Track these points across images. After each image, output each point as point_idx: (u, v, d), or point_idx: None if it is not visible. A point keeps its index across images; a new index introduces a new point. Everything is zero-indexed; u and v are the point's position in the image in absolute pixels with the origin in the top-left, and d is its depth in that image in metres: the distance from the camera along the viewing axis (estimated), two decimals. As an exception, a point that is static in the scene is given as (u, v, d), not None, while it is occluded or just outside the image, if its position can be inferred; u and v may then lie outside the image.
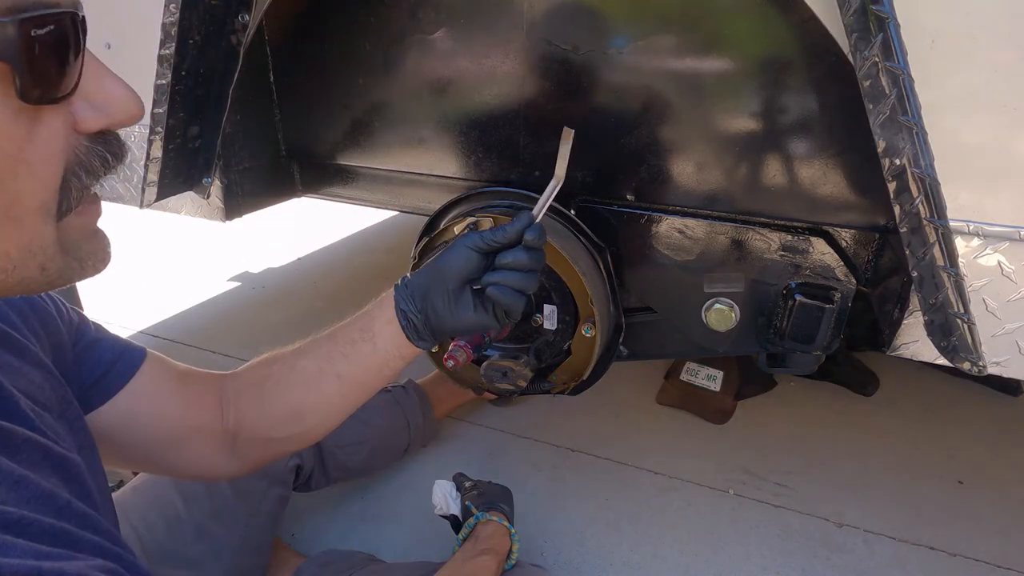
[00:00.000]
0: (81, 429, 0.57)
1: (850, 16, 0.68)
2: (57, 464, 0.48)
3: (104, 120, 0.40)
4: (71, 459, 0.50)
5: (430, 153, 1.17)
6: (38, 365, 0.56)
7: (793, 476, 1.38)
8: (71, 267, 0.41)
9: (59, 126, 0.38)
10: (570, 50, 0.97)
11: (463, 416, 1.55)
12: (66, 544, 0.39)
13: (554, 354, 1.12)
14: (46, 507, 0.42)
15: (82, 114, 0.39)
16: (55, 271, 0.40)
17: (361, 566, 1.00)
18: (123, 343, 0.72)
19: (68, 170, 0.39)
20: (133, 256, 2.58)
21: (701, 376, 1.61)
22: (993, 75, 0.68)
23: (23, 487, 0.41)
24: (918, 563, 1.18)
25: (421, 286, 0.74)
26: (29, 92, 0.35)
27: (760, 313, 1.02)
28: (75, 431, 0.56)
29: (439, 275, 0.73)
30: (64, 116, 0.38)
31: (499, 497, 1.09)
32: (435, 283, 0.73)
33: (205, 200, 1.18)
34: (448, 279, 0.72)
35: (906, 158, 0.71)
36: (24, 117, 0.35)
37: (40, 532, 0.38)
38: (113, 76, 0.41)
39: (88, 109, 0.39)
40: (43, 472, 0.46)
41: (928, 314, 0.78)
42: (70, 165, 0.39)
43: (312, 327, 0.82)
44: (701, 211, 1.01)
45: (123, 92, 0.40)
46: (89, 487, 0.50)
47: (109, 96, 0.40)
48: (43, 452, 0.47)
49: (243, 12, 0.99)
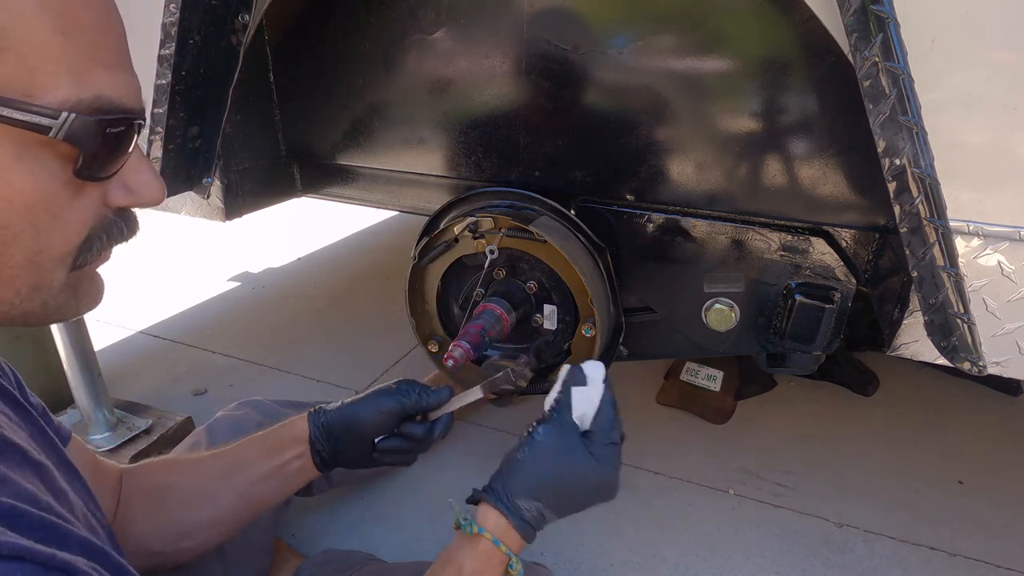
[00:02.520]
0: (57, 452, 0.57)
1: (850, 16, 0.68)
2: (35, 469, 0.49)
3: (132, 201, 0.47)
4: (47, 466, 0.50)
5: (430, 153, 1.17)
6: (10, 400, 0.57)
7: (793, 476, 1.38)
8: (69, 304, 0.47)
9: (95, 198, 0.44)
10: (570, 50, 0.97)
11: (463, 416, 1.54)
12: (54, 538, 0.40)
13: (554, 354, 1.12)
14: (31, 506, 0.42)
15: (115, 192, 0.46)
16: (54, 307, 0.46)
17: (361, 566, 1.00)
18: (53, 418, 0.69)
19: (93, 233, 0.45)
20: (133, 256, 2.58)
21: (701, 376, 1.61)
22: (993, 75, 0.68)
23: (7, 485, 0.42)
24: (918, 563, 1.18)
25: (336, 427, 0.82)
26: (84, 172, 0.42)
27: (760, 313, 1.02)
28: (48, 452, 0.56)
29: (354, 424, 0.82)
30: (100, 190, 0.45)
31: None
32: (349, 431, 0.82)
33: (205, 200, 1.18)
34: (363, 431, 0.82)
35: (906, 158, 0.71)
36: (71, 187, 0.42)
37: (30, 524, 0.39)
38: (148, 166, 0.47)
39: (121, 189, 0.46)
40: (25, 474, 0.46)
41: (928, 314, 0.78)
42: (95, 229, 0.45)
43: (312, 327, 0.82)
44: (701, 211, 1.01)
45: (153, 181, 0.47)
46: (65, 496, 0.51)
47: (141, 183, 0.46)
48: (22, 455, 0.48)
49: (243, 12, 0.99)
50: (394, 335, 1.87)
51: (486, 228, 1.03)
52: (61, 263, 0.44)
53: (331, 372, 1.74)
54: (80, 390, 1.33)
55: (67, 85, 0.39)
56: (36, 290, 0.43)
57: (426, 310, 1.15)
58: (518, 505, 0.68)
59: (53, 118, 0.38)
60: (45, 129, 0.38)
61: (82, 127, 0.39)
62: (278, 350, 1.84)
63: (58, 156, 0.40)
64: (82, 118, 0.39)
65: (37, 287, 0.43)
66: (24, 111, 0.37)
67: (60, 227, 0.42)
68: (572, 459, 0.70)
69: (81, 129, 0.39)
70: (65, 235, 0.43)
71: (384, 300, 2.17)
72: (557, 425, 0.72)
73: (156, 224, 2.76)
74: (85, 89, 0.40)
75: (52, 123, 0.38)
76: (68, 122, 0.39)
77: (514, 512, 0.68)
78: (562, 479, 0.70)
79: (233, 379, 1.72)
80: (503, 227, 1.02)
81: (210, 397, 1.64)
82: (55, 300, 0.45)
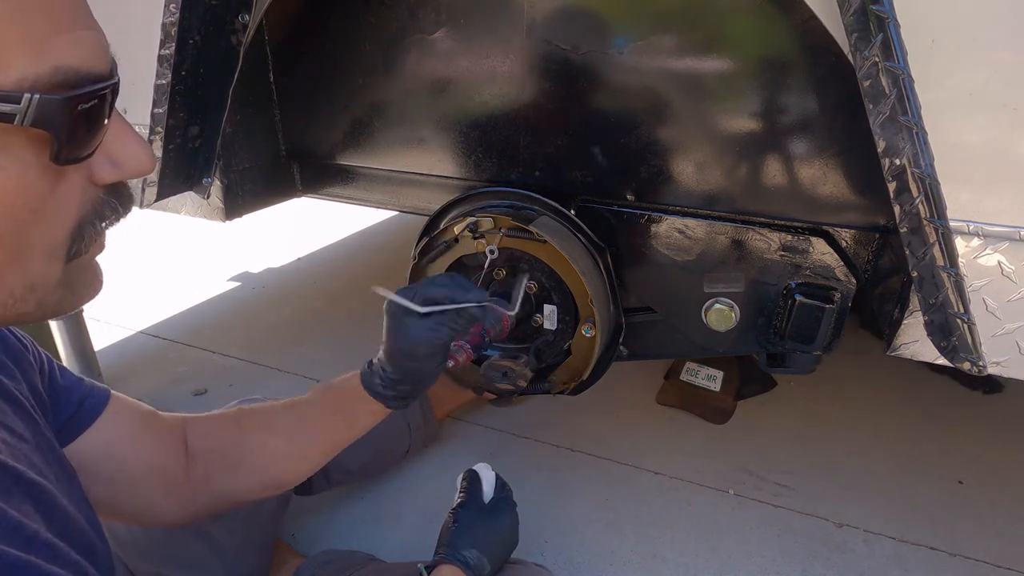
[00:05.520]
0: (56, 460, 0.57)
1: (850, 16, 0.68)
2: (27, 491, 0.47)
3: (119, 175, 0.42)
4: (43, 486, 0.49)
5: (430, 153, 1.17)
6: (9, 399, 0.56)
7: (793, 476, 1.38)
8: (66, 299, 0.43)
9: (78, 180, 0.40)
10: (570, 50, 0.97)
11: (463, 416, 1.54)
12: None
13: (554, 354, 1.12)
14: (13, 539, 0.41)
15: (100, 168, 0.41)
16: (50, 304, 0.42)
17: (361, 566, 1.00)
18: (87, 384, 0.71)
19: (83, 219, 0.41)
20: (133, 256, 2.58)
21: (701, 376, 1.61)
22: (993, 75, 0.68)
23: None
24: (918, 563, 1.18)
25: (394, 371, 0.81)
26: (61, 156, 0.37)
27: (760, 313, 1.02)
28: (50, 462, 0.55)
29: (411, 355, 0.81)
30: (83, 170, 0.40)
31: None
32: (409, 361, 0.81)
33: (205, 200, 1.18)
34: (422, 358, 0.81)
35: (906, 158, 0.71)
36: (49, 174, 0.37)
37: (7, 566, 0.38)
38: (132, 133, 0.42)
39: (106, 164, 0.41)
40: (15, 499, 0.45)
41: (928, 314, 0.78)
42: (85, 214, 0.41)
43: (312, 327, 0.82)
44: (701, 211, 1.01)
45: (139, 149, 0.42)
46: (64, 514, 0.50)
47: (127, 152, 0.41)
48: (15, 478, 0.47)
49: (243, 12, 0.99)
50: (394, 335, 1.87)
51: (486, 228, 1.03)
52: (53, 258, 0.40)
53: (331, 372, 1.71)
54: (80, 390, 1.33)
55: (22, 61, 0.33)
56: (31, 290, 0.40)
57: (426, 310, 1.15)
58: (464, 555, 0.86)
59: (14, 103, 0.33)
60: (8, 117, 0.33)
61: (49, 107, 0.34)
62: (278, 350, 1.84)
63: (28, 143, 0.35)
64: (47, 97, 0.34)
65: (31, 287, 0.40)
66: None
67: (45, 220, 0.38)
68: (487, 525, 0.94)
69: (48, 109, 0.34)
70: (52, 228, 0.39)
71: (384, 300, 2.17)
72: (472, 501, 0.96)
73: (156, 224, 2.76)
74: (43, 61, 0.34)
75: (14, 108, 0.33)
76: (32, 105, 0.33)
77: (463, 560, 0.86)
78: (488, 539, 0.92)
79: (233, 379, 1.72)
80: (503, 227, 1.02)
81: (210, 397, 1.64)
82: (51, 297, 0.41)
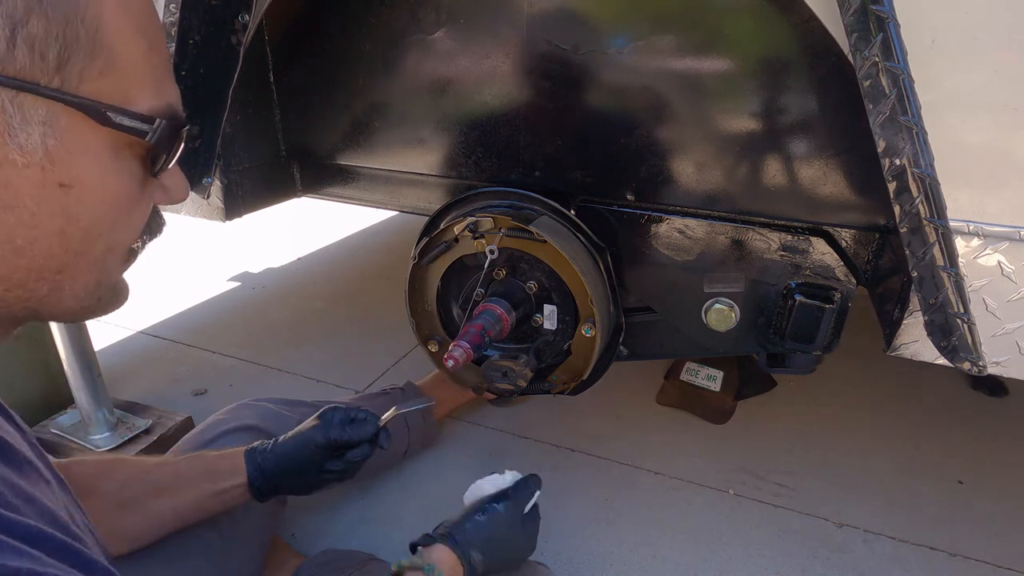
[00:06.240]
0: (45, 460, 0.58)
1: (850, 16, 0.68)
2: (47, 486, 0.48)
3: (166, 199, 0.51)
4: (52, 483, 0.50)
5: (430, 153, 1.17)
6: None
7: (793, 476, 1.38)
8: (112, 301, 0.51)
9: (148, 196, 0.49)
10: (570, 50, 0.97)
11: (463, 416, 1.54)
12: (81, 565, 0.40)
13: (554, 354, 1.12)
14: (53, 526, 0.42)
15: (155, 192, 0.50)
16: (104, 302, 0.49)
17: (361, 566, 1.00)
18: None
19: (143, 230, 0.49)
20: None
21: (701, 376, 1.61)
22: (993, 75, 0.68)
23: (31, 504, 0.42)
24: (918, 563, 1.18)
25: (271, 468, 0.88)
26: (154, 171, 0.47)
27: (760, 313, 1.02)
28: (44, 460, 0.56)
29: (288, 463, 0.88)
30: (152, 189, 0.49)
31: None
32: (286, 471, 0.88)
33: (205, 200, 1.18)
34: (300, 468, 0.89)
35: (906, 158, 0.71)
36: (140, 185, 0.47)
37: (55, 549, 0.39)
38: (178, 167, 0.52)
39: (160, 188, 0.50)
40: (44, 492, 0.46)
41: (928, 314, 0.78)
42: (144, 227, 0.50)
43: (312, 327, 0.82)
44: (701, 211, 1.01)
45: (184, 181, 0.52)
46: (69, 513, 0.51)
47: (174, 181, 0.51)
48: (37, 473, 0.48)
49: (243, 12, 0.99)
50: (394, 335, 1.87)
51: (486, 228, 1.03)
52: (122, 259, 0.48)
53: (331, 372, 1.74)
54: (80, 390, 1.33)
55: (152, 95, 0.45)
56: (98, 286, 0.47)
57: (426, 310, 1.15)
58: (471, 554, 0.85)
59: (150, 123, 0.44)
60: (143, 133, 0.44)
61: (165, 132, 0.45)
62: (278, 350, 1.85)
63: (137, 157, 0.45)
64: (167, 123, 0.45)
65: (99, 282, 0.47)
66: (131, 117, 0.43)
67: (131, 223, 0.47)
68: (514, 532, 0.93)
69: (164, 135, 0.45)
70: (130, 231, 0.48)
71: (384, 300, 2.17)
72: (514, 505, 0.93)
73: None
74: (162, 98, 0.46)
75: (148, 128, 0.44)
76: (159, 128, 0.44)
77: (466, 557, 0.85)
78: (506, 544, 0.92)
79: (233, 379, 1.72)
80: (503, 227, 1.02)
81: (210, 397, 1.64)
82: (107, 295, 0.49)
